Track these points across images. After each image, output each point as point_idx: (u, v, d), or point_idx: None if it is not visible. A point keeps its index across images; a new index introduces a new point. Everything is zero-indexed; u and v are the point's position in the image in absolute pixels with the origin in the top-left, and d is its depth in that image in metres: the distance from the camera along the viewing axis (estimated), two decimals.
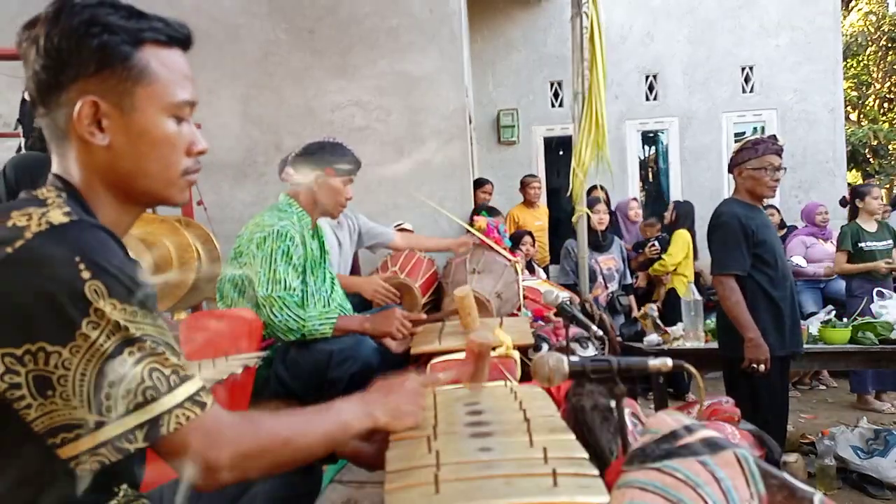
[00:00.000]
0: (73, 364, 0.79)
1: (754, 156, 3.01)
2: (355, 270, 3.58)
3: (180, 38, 0.98)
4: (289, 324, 2.17)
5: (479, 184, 5.37)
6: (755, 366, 2.88)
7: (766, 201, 6.34)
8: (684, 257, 5.31)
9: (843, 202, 5.37)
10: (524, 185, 6.10)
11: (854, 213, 5.05)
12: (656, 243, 5.50)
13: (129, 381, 0.81)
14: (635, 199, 6.70)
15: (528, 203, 6.09)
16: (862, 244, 4.83)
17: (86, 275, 0.80)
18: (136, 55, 0.92)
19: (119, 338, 0.81)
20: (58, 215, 0.84)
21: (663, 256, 5.33)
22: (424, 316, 2.50)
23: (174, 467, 0.87)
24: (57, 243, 0.81)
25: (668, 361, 1.07)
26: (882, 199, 5.23)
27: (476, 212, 3.98)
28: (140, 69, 0.92)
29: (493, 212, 4.05)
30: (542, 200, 6.75)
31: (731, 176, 3.24)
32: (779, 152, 3.01)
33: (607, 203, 5.08)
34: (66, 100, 0.90)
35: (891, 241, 4.90)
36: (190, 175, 1.00)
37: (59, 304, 0.79)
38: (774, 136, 3.14)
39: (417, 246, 3.37)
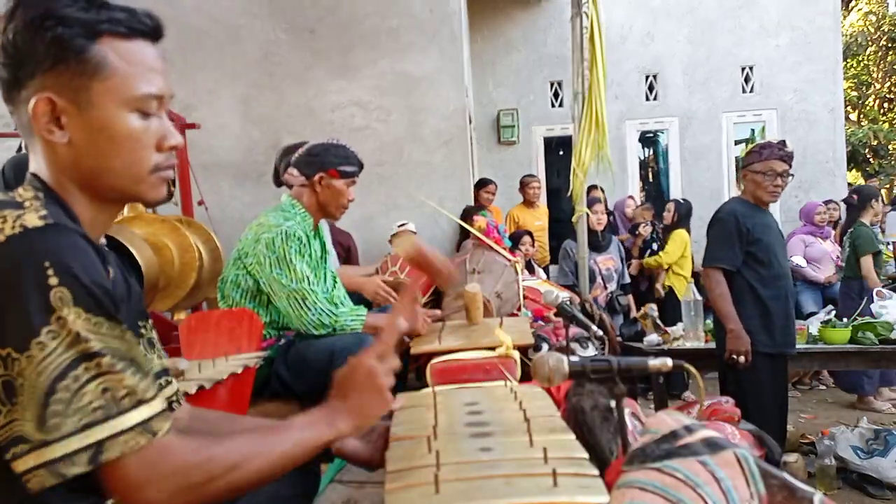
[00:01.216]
0: (27, 374, 0.76)
1: (758, 160, 3.05)
2: None
3: (143, 30, 0.92)
4: (322, 318, 2.19)
5: (482, 184, 5.37)
6: (735, 357, 2.94)
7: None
8: (681, 256, 5.35)
9: (848, 201, 5.36)
10: (523, 186, 6.09)
11: (856, 213, 5.04)
12: (649, 225, 5.62)
13: (80, 399, 0.77)
14: (632, 196, 6.70)
15: (528, 203, 6.08)
16: (880, 246, 4.87)
17: (53, 281, 0.77)
18: (93, 48, 0.87)
19: (77, 351, 0.78)
20: (33, 218, 0.82)
21: (660, 253, 5.37)
22: (439, 312, 2.53)
23: (110, 495, 0.82)
24: (28, 247, 0.79)
25: (668, 361, 1.07)
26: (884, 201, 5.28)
27: (465, 212, 3.99)
28: (96, 63, 0.87)
29: (479, 209, 4.07)
30: (543, 200, 6.74)
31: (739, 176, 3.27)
32: (784, 158, 3.02)
33: (605, 203, 5.09)
34: (26, 97, 0.87)
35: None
36: (162, 171, 0.95)
37: (24, 310, 0.77)
38: (783, 141, 3.17)
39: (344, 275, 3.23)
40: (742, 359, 2.93)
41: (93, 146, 0.89)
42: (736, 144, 7.46)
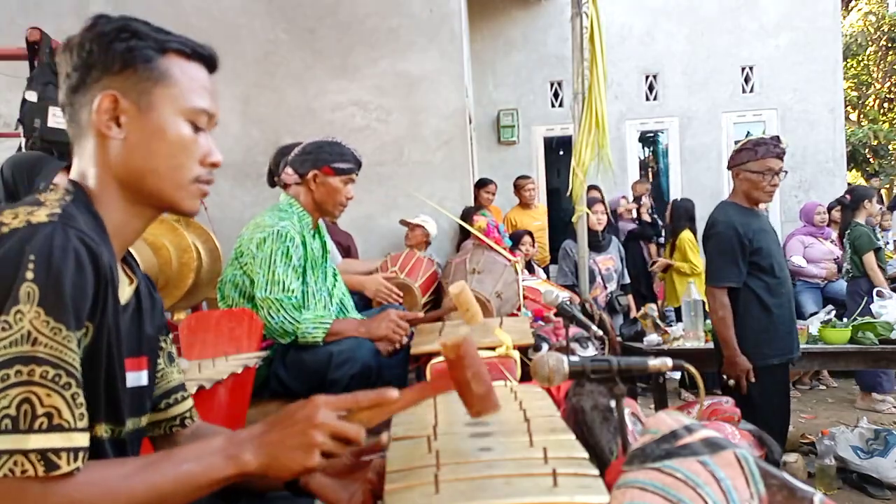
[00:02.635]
0: None
1: (753, 158, 2.89)
2: None
3: (203, 56, 1.03)
4: (284, 326, 2.17)
5: (482, 184, 5.35)
6: (732, 379, 2.88)
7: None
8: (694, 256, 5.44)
9: (842, 200, 5.37)
10: (518, 188, 6.03)
11: (850, 214, 5.05)
12: (649, 198, 5.97)
13: None
14: (624, 196, 6.69)
15: (524, 205, 6.02)
16: (879, 242, 4.89)
17: (29, 275, 0.78)
18: (160, 60, 0.97)
19: (18, 351, 0.76)
20: (41, 215, 0.84)
21: (687, 263, 5.43)
22: (422, 314, 2.47)
23: None
24: (22, 240, 0.80)
25: (668, 361, 1.06)
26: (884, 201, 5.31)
27: (466, 212, 3.98)
28: (161, 72, 0.97)
29: (479, 209, 4.07)
30: (542, 200, 6.72)
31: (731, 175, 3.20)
32: (780, 156, 2.89)
33: (603, 203, 5.09)
34: (90, 97, 0.95)
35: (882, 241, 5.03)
36: (202, 184, 1.02)
37: None
38: (777, 137, 3.00)
39: (350, 269, 3.10)
40: (741, 380, 2.86)
41: (145, 146, 0.96)
42: (736, 144, 7.46)
